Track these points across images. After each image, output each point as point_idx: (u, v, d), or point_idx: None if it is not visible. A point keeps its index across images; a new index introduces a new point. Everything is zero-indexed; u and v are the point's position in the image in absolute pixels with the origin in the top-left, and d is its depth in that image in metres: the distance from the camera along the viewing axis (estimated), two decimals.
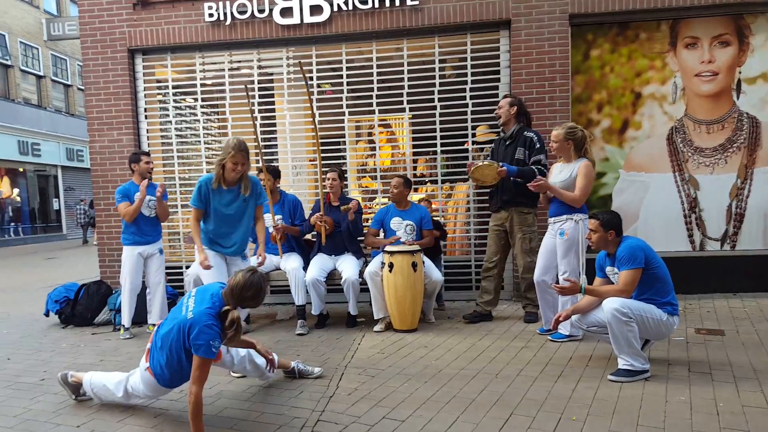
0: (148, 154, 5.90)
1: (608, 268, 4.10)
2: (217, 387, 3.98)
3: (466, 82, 6.65)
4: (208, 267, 4.60)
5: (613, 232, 3.98)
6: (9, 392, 4.06)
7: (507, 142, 5.43)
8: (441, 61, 6.74)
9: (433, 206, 6.81)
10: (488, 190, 5.70)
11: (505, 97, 5.52)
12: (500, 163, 5.15)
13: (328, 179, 5.83)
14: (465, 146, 6.74)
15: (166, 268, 6.93)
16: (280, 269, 5.75)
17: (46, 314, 6.38)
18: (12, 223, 22.08)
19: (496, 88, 6.62)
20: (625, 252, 3.89)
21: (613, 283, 4.03)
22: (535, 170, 5.19)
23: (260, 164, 5.79)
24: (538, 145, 5.29)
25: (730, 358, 4.21)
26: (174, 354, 3.21)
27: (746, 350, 4.37)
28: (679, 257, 6.37)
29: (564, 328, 4.85)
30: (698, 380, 3.76)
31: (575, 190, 4.74)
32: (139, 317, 5.81)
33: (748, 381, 3.70)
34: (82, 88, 10.34)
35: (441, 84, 6.71)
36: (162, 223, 5.80)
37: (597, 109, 6.57)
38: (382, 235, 5.90)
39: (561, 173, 4.88)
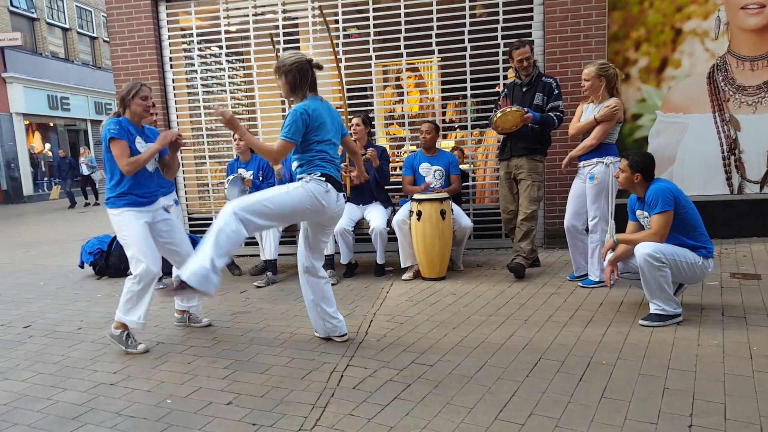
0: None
1: (638, 212, 4.00)
2: (250, 334, 4.06)
3: (497, 21, 6.40)
4: None
5: (640, 175, 3.84)
6: (48, 341, 4.20)
7: (524, 89, 5.17)
8: (471, 0, 6.48)
9: (465, 153, 6.68)
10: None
11: (522, 45, 5.15)
12: (526, 109, 4.95)
13: (353, 125, 5.75)
14: (497, 89, 6.55)
15: (197, 219, 7.05)
16: None
17: (81, 266, 6.54)
18: (45, 178, 22.47)
19: (529, 27, 6.38)
20: (654, 195, 3.77)
21: (644, 227, 3.94)
22: (554, 118, 5.04)
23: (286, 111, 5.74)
24: (556, 91, 5.09)
25: (765, 302, 4.12)
26: None
27: None
28: (716, 201, 6.21)
29: (593, 275, 4.80)
30: (732, 324, 3.69)
31: (593, 131, 4.67)
32: (168, 268, 5.89)
33: None
34: (108, 40, 10.31)
35: (471, 24, 6.47)
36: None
37: (634, 47, 6.29)
38: None
39: (591, 114, 4.73)
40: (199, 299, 4.33)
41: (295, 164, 3.56)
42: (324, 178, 3.42)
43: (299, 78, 3.45)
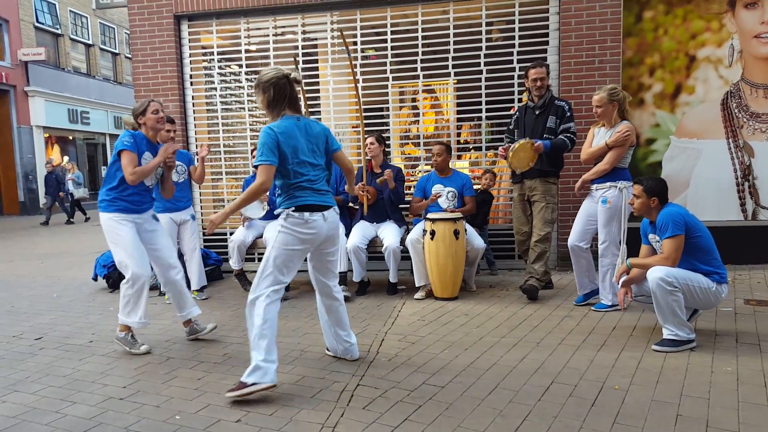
0: (172, 121, 5.14)
1: (650, 236, 4.01)
2: None
3: (513, 46, 6.49)
4: None
5: (656, 199, 3.87)
6: (59, 353, 4.20)
7: (537, 111, 5.20)
8: (488, 24, 6.59)
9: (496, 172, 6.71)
10: None
11: (539, 66, 5.20)
12: (533, 140, 4.96)
13: (367, 144, 5.81)
14: (511, 112, 6.60)
15: (212, 234, 7.11)
16: None
17: (95, 279, 6.58)
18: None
19: (545, 51, 6.45)
20: (664, 219, 3.78)
21: (656, 251, 3.94)
22: (566, 140, 5.06)
23: None
24: (568, 114, 5.14)
25: None
26: None
27: None
28: (730, 227, 6.18)
29: (606, 298, 4.79)
30: (746, 351, 3.67)
31: (606, 156, 4.67)
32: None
33: None
34: (130, 56, 10.48)
35: (487, 48, 6.57)
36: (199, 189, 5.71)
37: (649, 73, 6.33)
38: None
39: (603, 139, 4.74)
40: (195, 306, 4.39)
41: (277, 193, 3.50)
42: (297, 212, 3.33)
43: (275, 94, 3.32)
